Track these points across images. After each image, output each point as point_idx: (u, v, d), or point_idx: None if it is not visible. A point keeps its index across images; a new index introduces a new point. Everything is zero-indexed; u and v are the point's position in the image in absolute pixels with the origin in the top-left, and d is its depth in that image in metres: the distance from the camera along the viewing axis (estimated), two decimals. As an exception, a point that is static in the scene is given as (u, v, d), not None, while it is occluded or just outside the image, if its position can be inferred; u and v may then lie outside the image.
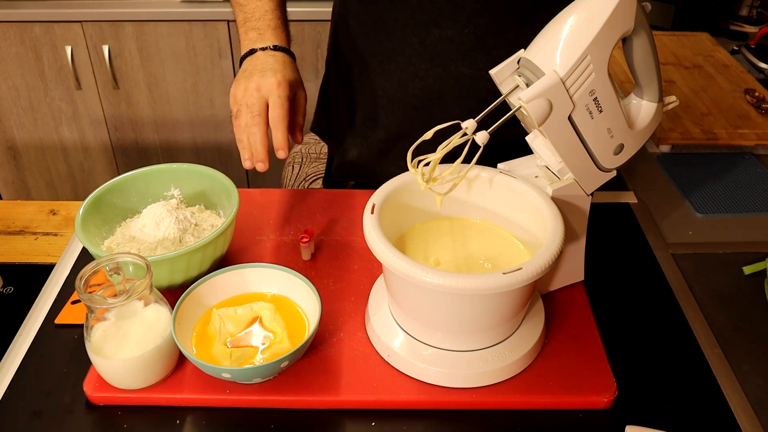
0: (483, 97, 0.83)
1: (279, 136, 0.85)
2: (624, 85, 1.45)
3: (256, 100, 0.86)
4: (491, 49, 0.94)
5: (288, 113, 0.87)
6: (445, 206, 0.82)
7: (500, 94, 0.76)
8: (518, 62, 0.74)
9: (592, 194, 0.82)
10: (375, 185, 0.80)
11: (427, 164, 0.75)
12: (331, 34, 1.10)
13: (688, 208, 1.11)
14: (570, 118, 0.72)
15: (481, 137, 0.71)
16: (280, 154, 0.86)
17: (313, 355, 0.78)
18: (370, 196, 0.77)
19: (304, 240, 0.90)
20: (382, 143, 1.06)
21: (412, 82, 0.98)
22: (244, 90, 0.87)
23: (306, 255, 0.91)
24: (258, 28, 0.93)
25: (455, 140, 0.73)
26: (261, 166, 0.85)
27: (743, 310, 0.90)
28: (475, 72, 0.95)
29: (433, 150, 0.74)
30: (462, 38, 0.93)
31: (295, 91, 0.90)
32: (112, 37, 1.97)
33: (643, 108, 0.78)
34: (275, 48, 0.91)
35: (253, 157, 0.86)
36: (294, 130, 0.91)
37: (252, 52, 0.92)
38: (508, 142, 0.88)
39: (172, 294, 0.81)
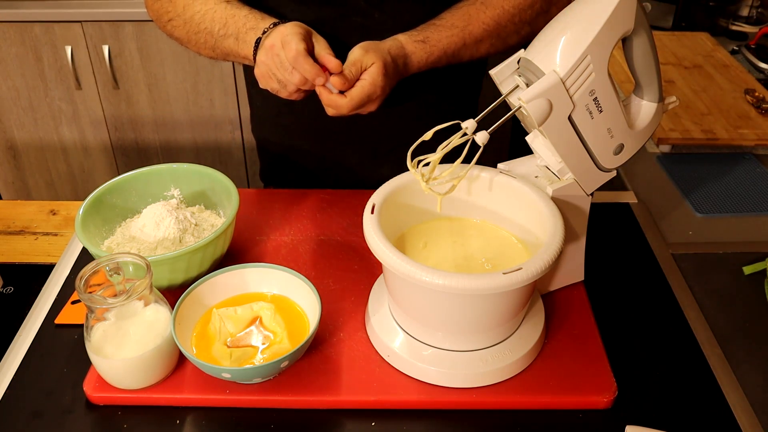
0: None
1: (307, 68, 0.82)
2: (624, 85, 1.45)
3: (279, 55, 0.83)
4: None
5: (303, 45, 0.83)
6: (445, 206, 0.82)
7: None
8: (518, 62, 0.74)
9: (592, 194, 0.82)
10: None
11: (426, 164, 0.75)
12: None
13: (688, 208, 1.11)
14: (570, 118, 0.72)
15: (481, 137, 0.71)
16: (319, 80, 0.82)
17: (313, 355, 0.78)
18: (370, 196, 0.77)
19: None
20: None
21: None
22: (264, 63, 0.85)
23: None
24: (253, 28, 0.91)
25: (455, 140, 0.73)
26: (320, 80, 0.82)
27: (743, 310, 0.90)
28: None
29: (433, 150, 0.74)
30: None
31: (308, 30, 0.86)
32: (112, 37, 1.97)
33: (643, 108, 0.78)
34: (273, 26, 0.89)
35: (318, 82, 0.83)
36: (322, 59, 0.86)
37: (257, 45, 0.90)
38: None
39: (172, 294, 0.81)
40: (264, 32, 0.88)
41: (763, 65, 1.62)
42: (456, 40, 0.91)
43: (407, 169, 0.76)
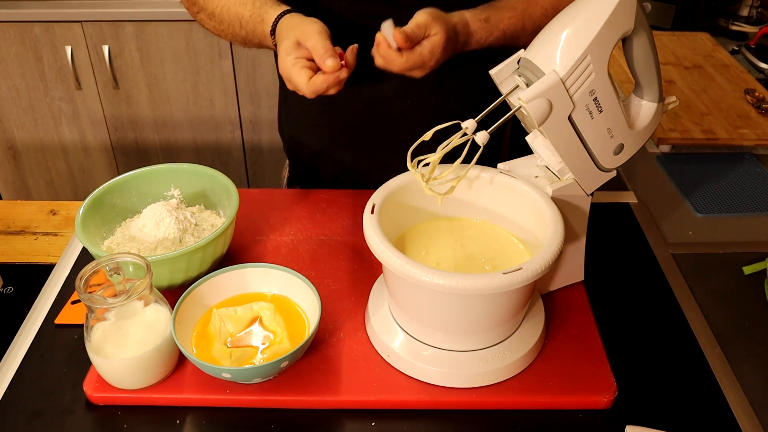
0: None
1: (330, 63, 0.80)
2: (624, 85, 1.45)
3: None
4: None
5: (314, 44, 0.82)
6: (445, 206, 0.82)
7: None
8: (518, 62, 0.74)
9: (592, 194, 0.82)
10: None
11: (426, 164, 0.75)
12: None
13: (688, 208, 1.11)
14: (570, 118, 0.72)
15: (481, 137, 0.71)
16: (330, 63, 0.80)
17: (313, 355, 0.78)
18: (370, 196, 0.77)
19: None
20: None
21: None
22: (282, 65, 0.84)
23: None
24: (262, 21, 0.90)
25: (455, 140, 0.73)
26: (330, 63, 0.80)
27: (743, 310, 0.90)
28: None
29: (433, 150, 0.74)
30: None
31: (318, 26, 0.85)
32: (112, 37, 1.97)
33: (643, 108, 0.78)
34: (278, 18, 0.89)
35: (334, 73, 0.81)
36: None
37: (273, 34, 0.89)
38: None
39: (172, 294, 0.81)
40: (274, 23, 0.87)
41: (763, 65, 1.62)
42: (515, 21, 0.91)
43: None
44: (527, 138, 0.81)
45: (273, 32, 0.88)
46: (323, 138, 1.11)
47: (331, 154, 1.12)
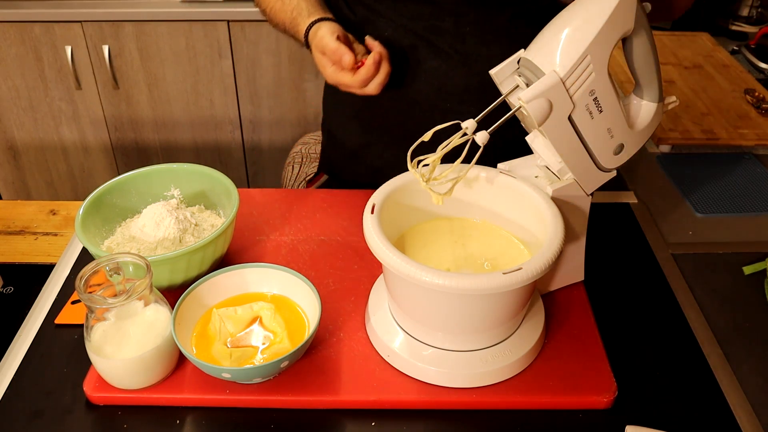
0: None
1: (346, 59, 0.86)
2: (624, 85, 1.44)
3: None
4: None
5: (331, 44, 0.88)
6: (445, 206, 0.82)
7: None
8: (518, 62, 0.74)
9: (592, 194, 0.82)
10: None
11: (426, 164, 0.75)
12: None
13: (688, 208, 1.11)
14: (570, 118, 0.72)
15: (481, 137, 0.71)
16: (346, 59, 0.87)
17: (313, 355, 0.78)
18: (370, 196, 0.77)
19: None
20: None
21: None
22: (326, 77, 0.92)
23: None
24: (297, 24, 0.96)
25: (455, 140, 0.73)
26: (347, 59, 0.86)
27: (743, 310, 0.90)
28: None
29: (433, 150, 0.74)
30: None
31: (335, 32, 0.90)
32: (112, 37, 1.97)
33: (643, 108, 0.78)
34: (308, 28, 0.94)
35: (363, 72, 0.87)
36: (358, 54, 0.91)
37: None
38: (506, 142, 0.88)
39: (172, 294, 0.81)
40: (307, 29, 0.93)
41: (763, 65, 1.61)
42: None
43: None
44: (527, 138, 0.81)
45: (308, 45, 0.94)
46: (362, 134, 1.12)
47: (369, 151, 1.13)
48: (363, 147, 1.13)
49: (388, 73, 0.89)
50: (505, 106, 0.76)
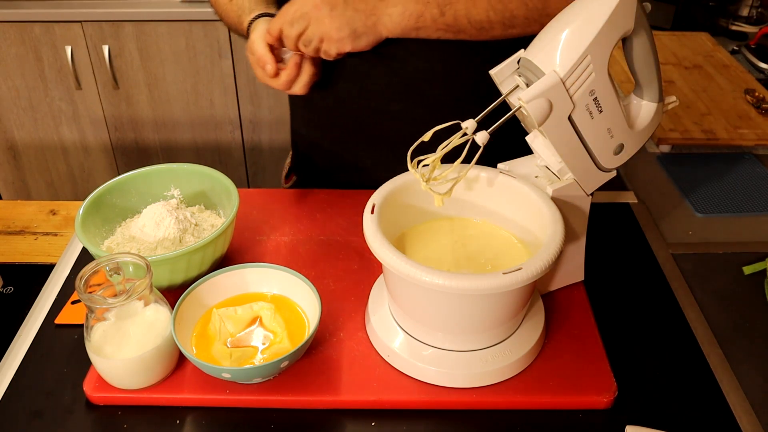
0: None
1: (268, 68, 0.90)
2: (624, 85, 1.44)
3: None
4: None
5: (259, 49, 0.91)
6: (445, 206, 0.82)
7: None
8: (518, 62, 0.74)
9: (592, 194, 0.82)
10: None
11: (426, 165, 0.75)
12: None
13: (688, 208, 1.11)
14: (570, 118, 0.72)
15: (481, 137, 0.71)
16: (268, 68, 0.90)
17: (313, 355, 0.78)
18: (370, 196, 0.77)
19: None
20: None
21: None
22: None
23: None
24: (242, 22, 0.98)
25: (455, 140, 0.73)
26: (269, 69, 0.90)
27: (743, 310, 0.90)
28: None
29: (433, 150, 0.74)
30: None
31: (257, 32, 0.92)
32: (112, 37, 1.97)
33: (643, 108, 0.78)
34: (248, 26, 0.96)
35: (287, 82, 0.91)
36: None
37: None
38: (506, 142, 0.88)
39: (172, 294, 0.81)
40: (248, 28, 0.95)
41: (763, 65, 1.62)
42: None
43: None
44: (527, 138, 0.81)
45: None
46: (326, 133, 1.12)
47: (332, 149, 1.12)
48: (327, 146, 1.13)
49: (313, 74, 0.92)
50: (504, 106, 0.76)
